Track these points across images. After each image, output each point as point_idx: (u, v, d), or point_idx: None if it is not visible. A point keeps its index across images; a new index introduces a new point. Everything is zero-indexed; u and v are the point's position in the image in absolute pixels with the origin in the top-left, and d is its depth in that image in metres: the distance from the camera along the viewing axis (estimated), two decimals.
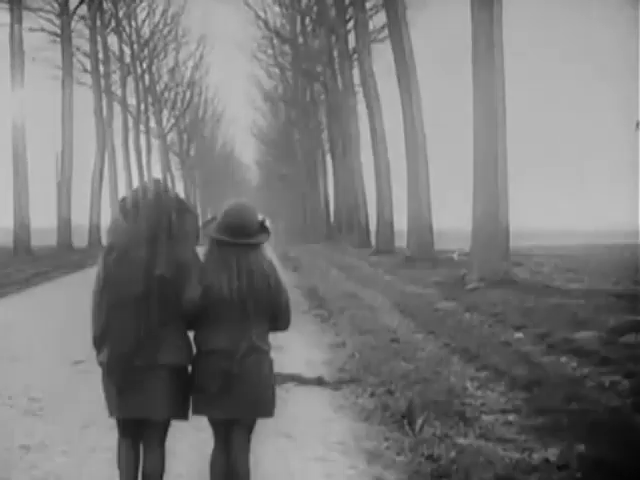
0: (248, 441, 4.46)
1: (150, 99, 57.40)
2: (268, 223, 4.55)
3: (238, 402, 4.30)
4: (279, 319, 4.45)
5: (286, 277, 4.73)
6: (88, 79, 43.05)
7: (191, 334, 4.47)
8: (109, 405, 4.41)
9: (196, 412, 4.43)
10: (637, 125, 15.03)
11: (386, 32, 30.11)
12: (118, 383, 4.29)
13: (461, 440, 6.12)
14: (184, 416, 4.45)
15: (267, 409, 4.43)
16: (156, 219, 4.35)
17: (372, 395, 7.79)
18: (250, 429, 4.45)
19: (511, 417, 6.81)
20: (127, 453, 4.44)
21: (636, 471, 5.29)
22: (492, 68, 16.37)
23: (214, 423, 4.45)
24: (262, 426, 4.66)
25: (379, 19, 35.83)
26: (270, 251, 4.60)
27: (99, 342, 4.39)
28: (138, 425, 4.42)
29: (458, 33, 20.20)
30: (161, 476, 4.44)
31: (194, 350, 4.43)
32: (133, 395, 4.29)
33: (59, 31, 38.91)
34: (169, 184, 54.09)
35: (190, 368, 4.43)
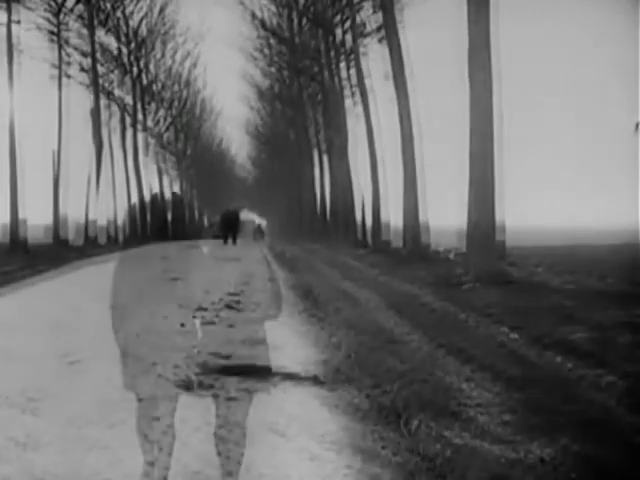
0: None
1: (147, 98, 57.33)
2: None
3: None
4: None
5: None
6: (85, 78, 43.01)
7: None
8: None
9: None
10: (637, 126, 15.06)
11: (383, 32, 30.09)
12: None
13: (457, 440, 6.14)
14: None
15: None
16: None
17: (368, 396, 7.80)
18: None
19: (507, 417, 6.84)
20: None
21: (631, 471, 5.32)
22: (488, 67, 16.38)
23: None
24: (259, 425, 4.68)
25: (377, 19, 35.78)
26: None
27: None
28: None
29: (457, 31, 20.20)
30: None
31: None
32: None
33: (55, 30, 38.87)
34: (169, 185, 54.17)
35: None
